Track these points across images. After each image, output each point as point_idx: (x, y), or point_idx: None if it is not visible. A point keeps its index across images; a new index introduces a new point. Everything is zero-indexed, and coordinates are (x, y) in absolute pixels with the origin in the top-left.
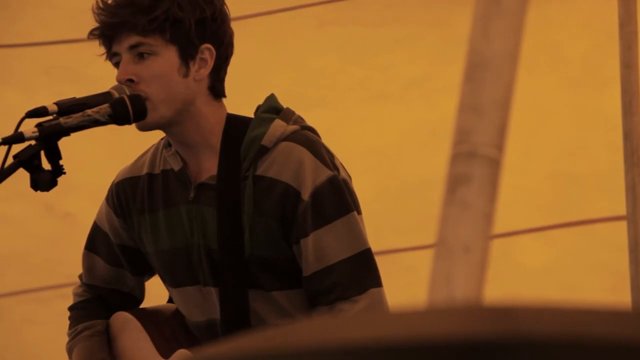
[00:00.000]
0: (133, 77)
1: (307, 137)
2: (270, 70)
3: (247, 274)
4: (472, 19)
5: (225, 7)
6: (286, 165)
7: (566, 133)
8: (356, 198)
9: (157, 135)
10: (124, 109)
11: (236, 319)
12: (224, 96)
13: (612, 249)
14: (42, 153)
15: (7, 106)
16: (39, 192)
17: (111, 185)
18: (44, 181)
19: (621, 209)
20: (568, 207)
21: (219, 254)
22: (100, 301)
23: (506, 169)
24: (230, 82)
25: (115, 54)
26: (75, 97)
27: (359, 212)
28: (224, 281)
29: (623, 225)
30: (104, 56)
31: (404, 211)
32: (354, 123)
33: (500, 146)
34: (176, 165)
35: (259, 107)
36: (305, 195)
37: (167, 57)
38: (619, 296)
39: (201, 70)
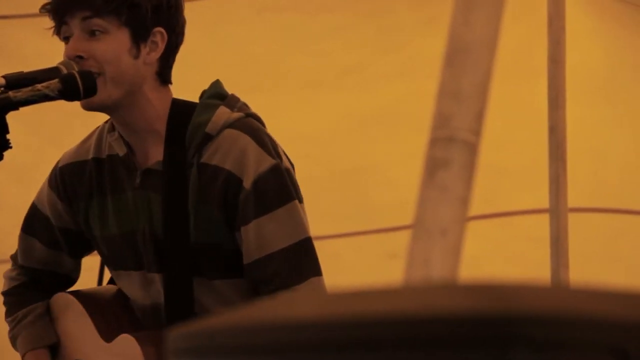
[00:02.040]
0: (83, 54)
1: (251, 125)
2: (207, 55)
3: (191, 261)
4: (453, 6)
5: None
6: (229, 153)
7: (492, 125)
8: (298, 187)
9: (78, 116)
10: (74, 84)
11: (180, 305)
12: (170, 83)
13: (534, 241)
14: None
15: None
16: None
17: (54, 168)
18: None
19: (544, 201)
20: (492, 199)
21: (164, 241)
22: (35, 283)
23: None
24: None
25: (65, 28)
26: (22, 72)
27: (301, 201)
28: (168, 268)
29: (546, 218)
30: (52, 31)
31: (335, 198)
32: (288, 109)
33: (477, 131)
34: (120, 151)
35: (203, 93)
36: (247, 183)
37: (119, 38)
38: None
39: (152, 54)
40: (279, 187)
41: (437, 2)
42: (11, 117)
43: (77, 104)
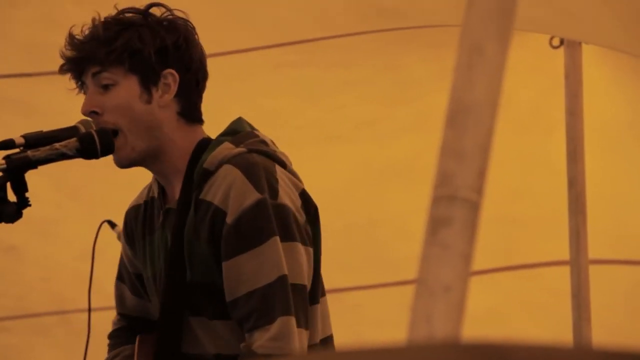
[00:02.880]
0: (97, 109)
1: (247, 160)
2: (223, 109)
3: (186, 299)
4: (454, 67)
5: (191, 33)
6: (219, 188)
7: (512, 177)
8: (291, 224)
9: (100, 170)
10: (91, 143)
11: (169, 343)
12: (200, 121)
13: (555, 293)
14: (9, 185)
15: None
16: None
17: (125, 215)
18: (9, 213)
19: (565, 254)
20: (512, 251)
21: (162, 282)
22: (131, 328)
23: None
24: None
25: (84, 86)
26: (41, 131)
27: (293, 239)
28: (164, 306)
29: (566, 270)
30: (76, 90)
31: (350, 250)
32: (303, 163)
33: (479, 190)
34: (156, 193)
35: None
36: (230, 219)
37: (127, 86)
38: (561, 341)
39: (165, 96)
40: (261, 224)
41: (449, 56)
42: (37, 173)
43: (101, 159)
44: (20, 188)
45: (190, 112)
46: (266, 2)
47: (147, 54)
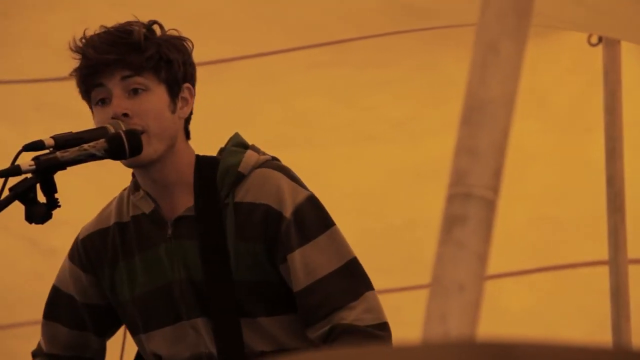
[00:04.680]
0: (128, 112)
1: (279, 165)
2: (258, 111)
3: (235, 301)
4: (469, 65)
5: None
6: (264, 188)
7: (549, 177)
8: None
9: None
10: (120, 144)
11: (232, 348)
12: (190, 137)
13: (594, 293)
14: (38, 186)
15: None
16: (23, 226)
17: (75, 243)
18: (38, 214)
19: (603, 253)
20: (551, 251)
21: (206, 285)
22: None
23: None
24: (220, 120)
25: (99, 88)
26: (71, 132)
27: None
28: (214, 312)
29: (605, 270)
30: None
31: (389, 252)
32: (339, 164)
33: (495, 188)
34: (147, 208)
35: (222, 148)
36: (287, 213)
37: (159, 94)
38: (601, 341)
39: (184, 109)
40: (318, 216)
41: None
42: (77, 175)
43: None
44: (50, 189)
45: (188, 128)
46: (297, 3)
47: (177, 66)
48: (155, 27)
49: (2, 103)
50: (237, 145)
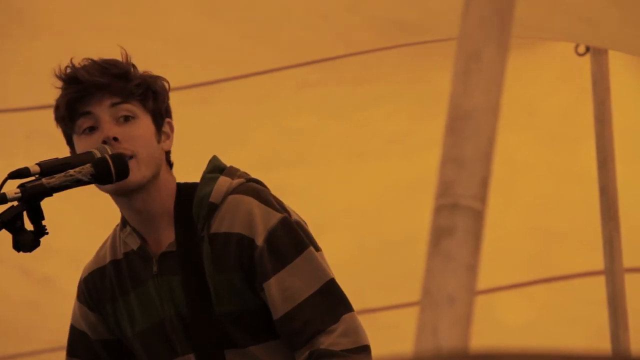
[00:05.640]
0: (118, 136)
1: (252, 188)
2: (249, 131)
3: (220, 334)
4: (452, 74)
5: None
6: (236, 217)
7: (542, 188)
8: (312, 237)
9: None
10: (106, 168)
11: None
12: (172, 166)
13: (591, 304)
14: (25, 214)
15: None
16: (16, 255)
17: (79, 283)
18: (26, 242)
19: (599, 263)
20: (545, 263)
21: (189, 319)
22: None
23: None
24: (212, 141)
25: (87, 118)
26: (57, 158)
27: (318, 249)
28: (198, 346)
29: (601, 280)
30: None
31: (385, 268)
32: (333, 181)
33: (482, 198)
34: (135, 244)
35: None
36: (259, 241)
37: (146, 123)
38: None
39: (167, 142)
40: (292, 238)
41: None
42: (68, 203)
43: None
44: (37, 216)
45: (170, 159)
46: (284, 22)
47: (162, 100)
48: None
49: None
50: (213, 170)
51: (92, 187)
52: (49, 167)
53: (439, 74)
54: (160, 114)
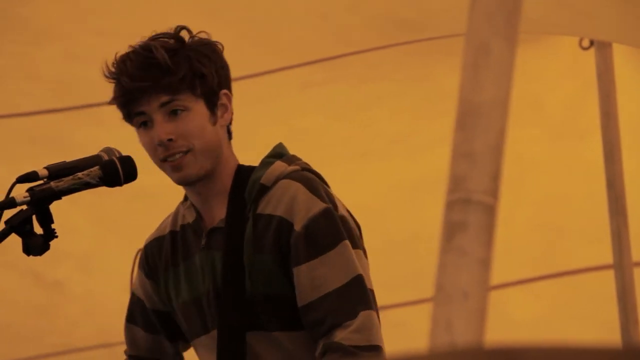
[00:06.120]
0: (172, 136)
1: (304, 175)
2: (253, 131)
3: (247, 314)
4: (461, 69)
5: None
6: (281, 200)
7: (549, 184)
8: (356, 236)
9: (137, 201)
10: (114, 170)
11: (231, 357)
12: (231, 137)
13: (601, 298)
14: (34, 217)
15: None
16: (27, 260)
17: (142, 249)
18: (36, 246)
19: (608, 257)
20: (554, 258)
21: (223, 296)
22: None
23: None
24: None
25: (140, 115)
26: (65, 161)
27: (357, 247)
28: (222, 322)
29: (610, 274)
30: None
31: (391, 267)
32: (337, 181)
33: (494, 192)
34: (191, 218)
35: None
36: (298, 226)
37: (198, 110)
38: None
39: (225, 115)
40: (330, 230)
41: None
42: (77, 207)
43: (138, 190)
44: (46, 220)
45: (230, 130)
46: (286, 22)
47: (210, 77)
48: (184, 34)
49: None
50: (272, 155)
51: (101, 190)
52: (57, 171)
53: (441, 71)
54: (213, 93)
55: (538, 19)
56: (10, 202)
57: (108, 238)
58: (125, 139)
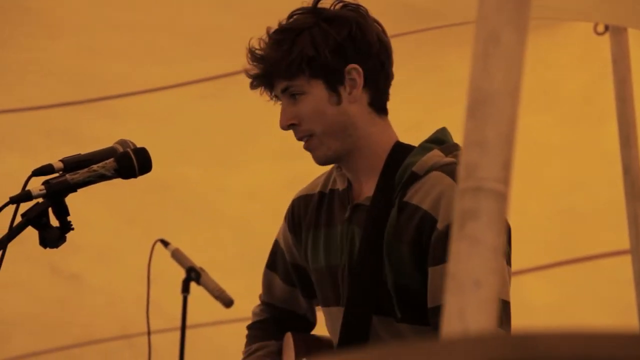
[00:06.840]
0: (294, 121)
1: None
2: (267, 122)
3: (376, 297)
4: (471, 57)
5: (364, 17)
6: (430, 193)
7: (565, 170)
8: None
9: (153, 193)
10: (129, 162)
11: (354, 341)
12: (386, 112)
13: (618, 283)
14: (50, 210)
15: (9, 170)
16: (44, 253)
17: (291, 202)
18: (52, 238)
19: (625, 243)
20: (572, 244)
21: (357, 275)
22: (276, 322)
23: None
24: (230, 133)
25: (275, 98)
26: (80, 154)
27: (505, 257)
28: (350, 302)
29: (628, 259)
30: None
31: None
32: None
33: (506, 180)
34: (341, 185)
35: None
36: (441, 225)
37: (315, 92)
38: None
39: (353, 92)
40: None
41: None
42: (93, 200)
43: (153, 181)
44: (62, 212)
45: (380, 100)
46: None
47: (324, 57)
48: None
49: (11, 132)
50: (432, 141)
51: (117, 182)
52: (72, 163)
53: (451, 59)
54: (333, 70)
55: (552, 5)
56: (26, 195)
57: (124, 230)
58: (140, 131)
